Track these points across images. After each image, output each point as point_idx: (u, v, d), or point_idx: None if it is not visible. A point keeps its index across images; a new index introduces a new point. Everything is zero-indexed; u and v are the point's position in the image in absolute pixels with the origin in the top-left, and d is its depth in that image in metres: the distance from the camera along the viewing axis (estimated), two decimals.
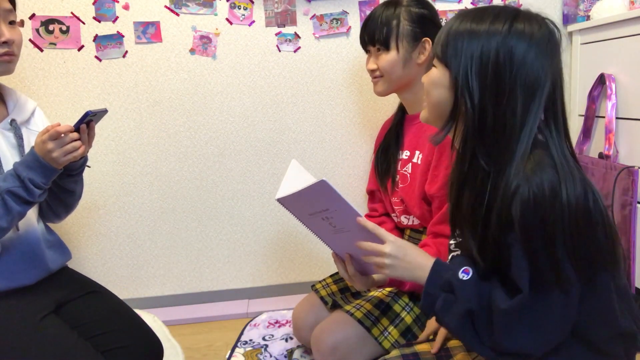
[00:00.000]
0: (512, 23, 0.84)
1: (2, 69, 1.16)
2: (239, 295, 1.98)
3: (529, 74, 0.83)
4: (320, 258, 2.00)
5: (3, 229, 1.09)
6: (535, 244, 0.77)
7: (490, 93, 0.83)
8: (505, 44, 0.83)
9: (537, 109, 0.84)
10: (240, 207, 1.93)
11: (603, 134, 1.70)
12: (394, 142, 1.49)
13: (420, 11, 1.38)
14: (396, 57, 1.37)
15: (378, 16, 1.38)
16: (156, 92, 1.81)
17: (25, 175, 1.08)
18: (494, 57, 0.83)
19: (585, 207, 0.78)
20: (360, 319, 1.22)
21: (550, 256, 0.77)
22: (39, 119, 1.32)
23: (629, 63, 1.64)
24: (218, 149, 1.87)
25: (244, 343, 1.66)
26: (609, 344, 0.85)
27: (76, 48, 1.74)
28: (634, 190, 1.52)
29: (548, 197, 0.76)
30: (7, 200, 1.07)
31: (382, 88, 1.43)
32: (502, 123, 0.83)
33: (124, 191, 1.86)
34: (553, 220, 0.76)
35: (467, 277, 0.85)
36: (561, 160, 0.82)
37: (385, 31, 1.36)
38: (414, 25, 1.36)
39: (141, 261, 1.92)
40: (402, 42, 1.36)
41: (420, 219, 1.38)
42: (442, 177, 1.26)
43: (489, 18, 0.86)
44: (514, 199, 0.78)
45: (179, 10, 1.77)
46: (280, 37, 1.82)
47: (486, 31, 0.84)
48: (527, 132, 0.83)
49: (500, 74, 0.83)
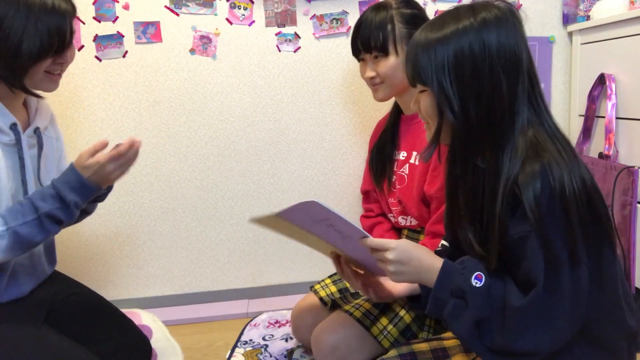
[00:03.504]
0: (475, 16, 0.85)
1: (51, 87, 1.15)
2: (239, 295, 1.98)
3: (507, 54, 0.84)
4: (320, 258, 1.98)
5: (35, 244, 1.07)
6: (552, 232, 0.77)
7: (470, 92, 0.84)
8: (478, 37, 0.84)
9: (522, 88, 0.86)
10: (240, 207, 1.93)
11: (603, 134, 1.70)
12: (389, 142, 1.47)
13: (411, 11, 1.36)
14: (396, 62, 1.34)
15: (370, 21, 1.34)
16: (156, 92, 1.81)
17: (71, 199, 1.04)
18: (469, 53, 0.84)
19: (591, 181, 0.81)
20: (359, 319, 1.22)
21: (568, 239, 0.77)
22: (56, 125, 1.31)
23: (629, 63, 1.64)
24: (218, 149, 1.87)
25: (244, 343, 1.66)
26: (615, 342, 0.85)
27: (76, 48, 1.74)
28: (634, 190, 1.52)
29: (559, 185, 0.77)
30: (44, 222, 1.03)
31: (383, 94, 1.40)
32: (490, 117, 0.85)
33: (124, 191, 1.86)
34: (569, 205, 0.77)
35: (480, 284, 0.83)
36: (555, 140, 0.84)
37: (382, 36, 1.32)
38: (409, 27, 1.34)
39: (141, 261, 1.92)
40: (400, 45, 1.33)
41: (419, 220, 1.38)
42: (442, 178, 1.26)
43: (451, 21, 0.87)
44: (525, 192, 0.78)
45: (179, 10, 1.77)
46: (280, 37, 1.82)
47: (455, 32, 0.85)
48: (519, 115, 0.85)
49: (478, 67, 0.84)
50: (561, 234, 0.77)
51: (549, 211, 0.77)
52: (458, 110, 0.85)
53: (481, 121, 0.85)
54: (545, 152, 0.81)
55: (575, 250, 0.77)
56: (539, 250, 0.78)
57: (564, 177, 0.78)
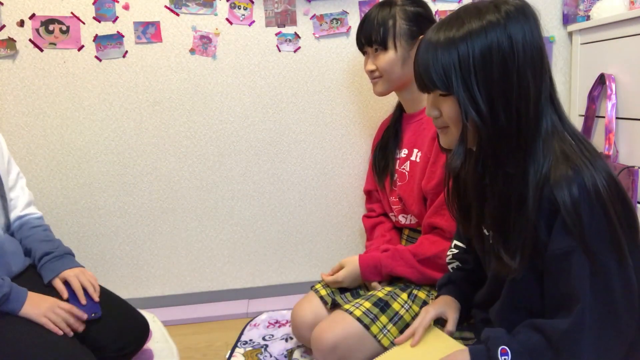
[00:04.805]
0: (499, 11, 0.80)
1: None
2: (239, 295, 1.98)
3: (533, 51, 0.80)
4: (320, 258, 2.00)
5: None
6: (598, 240, 0.75)
7: (499, 93, 0.79)
8: (505, 33, 0.78)
9: (545, 87, 0.83)
10: (240, 207, 1.93)
11: (603, 134, 1.70)
12: (392, 140, 1.49)
13: (415, 9, 1.38)
14: (394, 57, 1.37)
15: (374, 17, 1.39)
16: (156, 92, 1.81)
17: None
18: (497, 50, 0.78)
19: (616, 177, 0.79)
20: (359, 317, 1.22)
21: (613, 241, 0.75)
22: None
23: (629, 63, 1.64)
24: (218, 149, 1.87)
25: (244, 343, 1.66)
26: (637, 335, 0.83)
27: (76, 48, 1.75)
28: (634, 190, 1.52)
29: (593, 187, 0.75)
30: None
31: (382, 88, 1.44)
32: (520, 119, 0.80)
33: (124, 191, 1.86)
34: (607, 204, 0.75)
35: (509, 357, 0.80)
36: (577, 140, 0.81)
37: (382, 31, 1.36)
38: (411, 24, 1.37)
39: (141, 261, 1.92)
40: (400, 41, 1.36)
41: (419, 218, 1.38)
42: (439, 175, 1.26)
43: (471, 17, 0.80)
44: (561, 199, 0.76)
45: (179, 10, 1.77)
46: (280, 37, 1.82)
47: (481, 28, 0.79)
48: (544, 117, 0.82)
49: (507, 66, 0.79)
50: (606, 239, 0.75)
51: (591, 217, 0.75)
52: (486, 113, 0.80)
53: (511, 124, 0.80)
54: (572, 154, 0.78)
55: (622, 251, 0.75)
56: (586, 262, 0.75)
57: (595, 177, 0.76)
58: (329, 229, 1.96)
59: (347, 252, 1.98)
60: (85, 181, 1.84)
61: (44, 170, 1.81)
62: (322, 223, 1.95)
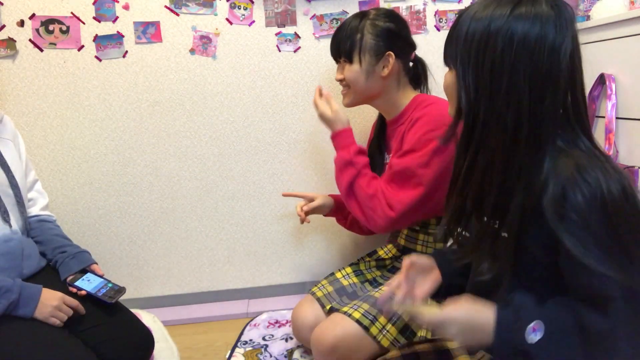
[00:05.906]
0: (515, 6, 0.76)
1: None
2: (239, 295, 1.98)
3: (538, 59, 0.74)
4: (320, 258, 2.00)
5: None
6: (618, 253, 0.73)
7: (483, 84, 0.77)
8: (507, 27, 0.75)
9: (553, 107, 0.76)
10: (240, 207, 1.93)
11: (603, 134, 1.70)
12: (376, 149, 1.52)
13: (385, 25, 1.37)
14: (359, 70, 1.37)
15: (345, 28, 1.39)
16: (156, 92, 1.81)
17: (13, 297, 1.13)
18: (493, 42, 0.76)
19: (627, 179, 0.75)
20: (358, 319, 1.23)
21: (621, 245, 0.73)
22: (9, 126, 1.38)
23: (629, 63, 1.64)
24: (218, 149, 1.87)
25: (244, 343, 1.66)
26: None
27: (76, 48, 1.75)
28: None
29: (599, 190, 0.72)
30: None
31: (348, 100, 1.45)
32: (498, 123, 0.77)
33: (124, 191, 1.86)
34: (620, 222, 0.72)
35: (540, 337, 0.74)
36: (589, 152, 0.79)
37: (349, 44, 1.36)
38: (378, 39, 1.36)
39: (141, 261, 1.92)
40: (365, 55, 1.36)
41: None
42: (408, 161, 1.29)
43: (494, 4, 0.78)
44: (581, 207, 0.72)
45: (179, 10, 1.77)
46: (280, 37, 1.82)
47: (489, 16, 0.77)
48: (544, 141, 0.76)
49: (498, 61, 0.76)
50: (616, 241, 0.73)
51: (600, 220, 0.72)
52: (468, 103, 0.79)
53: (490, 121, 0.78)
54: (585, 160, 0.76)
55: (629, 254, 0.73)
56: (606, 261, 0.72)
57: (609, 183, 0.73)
58: (329, 228, 1.96)
59: (347, 251, 1.98)
60: (85, 181, 1.84)
61: (44, 170, 1.81)
62: (322, 223, 1.95)
